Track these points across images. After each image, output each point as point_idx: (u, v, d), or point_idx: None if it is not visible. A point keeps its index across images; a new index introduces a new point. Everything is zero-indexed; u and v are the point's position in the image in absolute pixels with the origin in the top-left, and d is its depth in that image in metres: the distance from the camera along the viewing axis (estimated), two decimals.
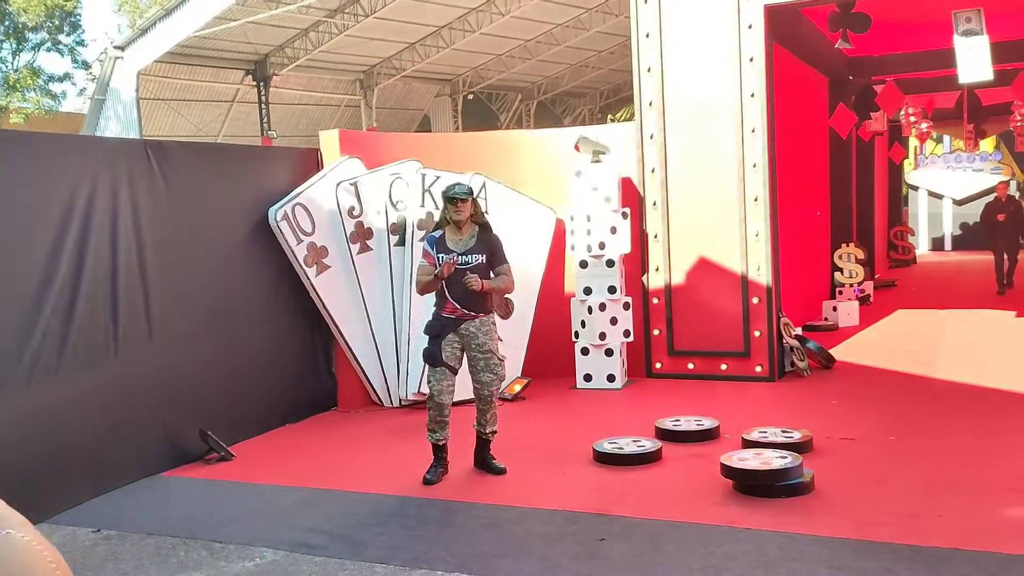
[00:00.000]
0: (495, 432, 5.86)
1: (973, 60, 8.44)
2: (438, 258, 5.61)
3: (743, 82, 8.07)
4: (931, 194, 22.85)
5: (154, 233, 6.28)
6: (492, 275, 5.74)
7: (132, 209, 6.12)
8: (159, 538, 4.96)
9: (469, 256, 5.63)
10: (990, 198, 14.59)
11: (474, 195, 5.77)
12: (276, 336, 7.39)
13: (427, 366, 5.79)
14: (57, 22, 34.45)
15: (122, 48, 23.38)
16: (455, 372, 5.68)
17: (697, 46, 8.25)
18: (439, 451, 5.79)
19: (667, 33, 8.35)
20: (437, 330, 5.67)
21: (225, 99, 26.20)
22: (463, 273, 5.58)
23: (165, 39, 22.22)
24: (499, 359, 5.74)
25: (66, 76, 36.14)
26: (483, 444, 5.88)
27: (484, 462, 5.87)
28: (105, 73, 24.25)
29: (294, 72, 25.46)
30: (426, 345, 5.74)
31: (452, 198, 5.61)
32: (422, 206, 7.86)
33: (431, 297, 5.83)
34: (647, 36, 8.43)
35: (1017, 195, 16.20)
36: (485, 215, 5.86)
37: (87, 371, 5.69)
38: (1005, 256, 13.42)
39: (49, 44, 35.15)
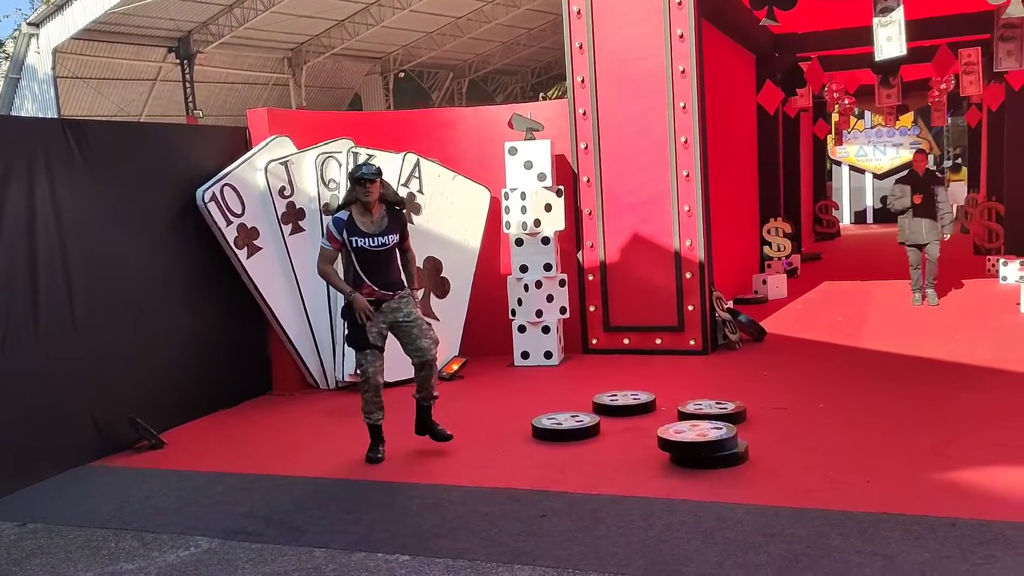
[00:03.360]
0: (436, 397, 5.83)
1: (887, 37, 8.67)
2: (349, 241, 5.46)
3: (673, 58, 8.13)
4: (853, 169, 23.46)
5: (75, 217, 6.05)
6: (400, 249, 5.70)
7: (50, 192, 5.88)
8: (88, 530, 4.82)
9: (386, 237, 5.53)
10: (903, 174, 10.82)
11: (382, 175, 5.59)
12: (207, 320, 7.22)
13: (355, 351, 5.67)
14: None
15: (37, 25, 22.50)
16: (383, 351, 5.64)
17: (627, 23, 8.27)
18: (376, 431, 5.77)
19: (597, 10, 8.35)
20: (357, 314, 5.54)
21: (147, 77, 25.42)
22: (380, 255, 5.51)
23: (82, 15, 21.44)
24: (428, 323, 5.73)
25: None
26: (425, 412, 5.84)
27: (429, 429, 5.83)
28: (19, 51, 23.32)
29: (219, 50, 24.80)
30: (348, 330, 5.64)
31: (361, 179, 5.43)
32: None
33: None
34: (578, 13, 8.42)
35: (937, 170, 11.97)
36: (396, 193, 5.73)
37: (6, 361, 5.47)
38: (924, 252, 10.00)
39: None
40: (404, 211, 5.74)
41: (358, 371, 5.70)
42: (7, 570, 4.38)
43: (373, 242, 5.48)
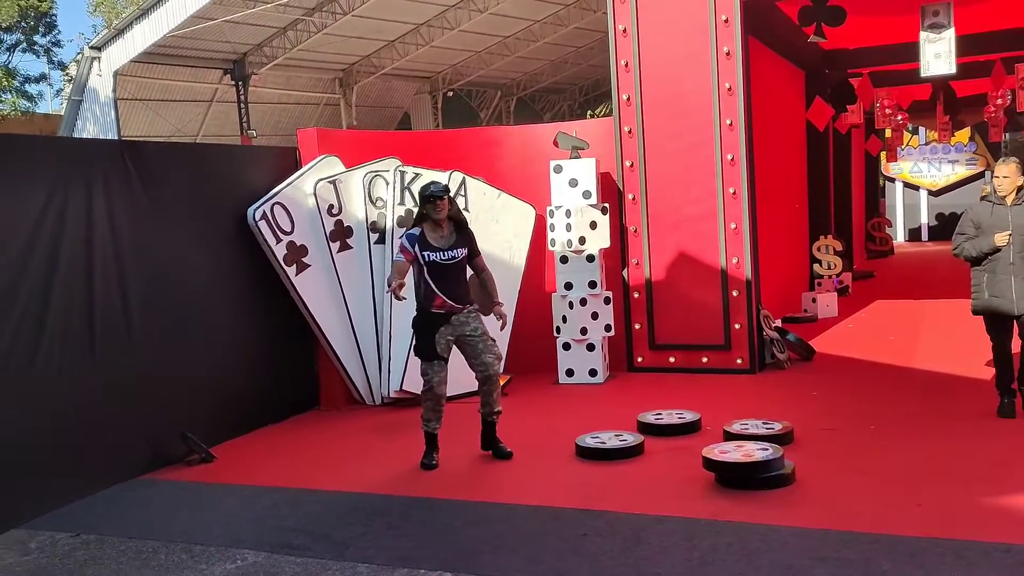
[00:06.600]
0: (500, 412, 6.04)
1: (936, 54, 8.54)
2: (421, 255, 5.74)
3: (719, 75, 8.10)
4: (907, 185, 23.03)
5: (131, 235, 6.21)
6: (474, 267, 5.99)
7: (107, 211, 6.05)
8: (139, 541, 4.92)
9: (455, 251, 5.82)
10: (975, 200, 7.84)
11: (450, 192, 5.89)
12: (256, 336, 7.34)
13: (421, 360, 5.90)
14: (32, 22, 34.12)
15: (99, 48, 23.20)
16: (447, 362, 5.87)
17: (673, 40, 8.26)
18: (432, 439, 5.97)
19: (643, 28, 8.36)
20: (428, 325, 5.83)
21: (204, 99, 26.03)
22: (449, 269, 5.78)
23: (142, 39, 22.08)
24: (493, 339, 5.95)
25: (42, 77, 35.87)
26: (490, 428, 6.06)
27: (492, 446, 6.05)
28: (82, 74, 24.05)
29: (273, 71, 25.32)
30: (416, 341, 5.91)
31: (431, 197, 5.76)
32: (401, 203, 7.83)
33: (414, 290, 5.91)
34: (623, 31, 8.44)
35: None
36: (460, 212, 6.02)
37: (63, 375, 5.62)
38: (1016, 324, 6.24)
39: (24, 45, 34.83)
40: (468, 228, 5.97)
41: (422, 379, 5.90)
42: None
43: (443, 256, 5.78)
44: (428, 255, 5.74)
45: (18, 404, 5.34)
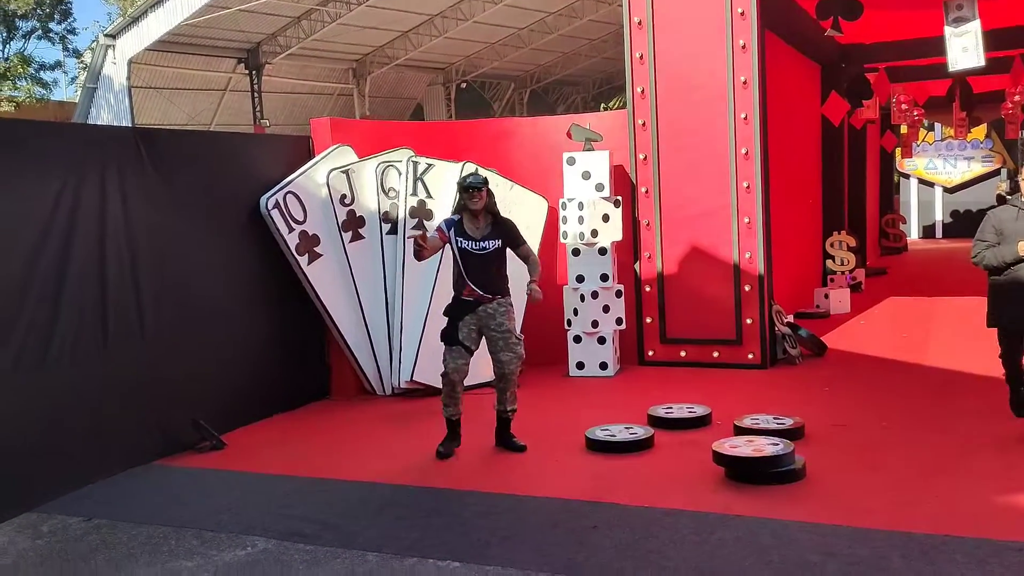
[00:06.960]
0: (515, 411, 6.06)
1: (963, 48, 8.42)
2: (456, 241, 5.83)
3: (734, 69, 8.06)
4: (922, 182, 22.90)
5: (144, 222, 6.23)
6: (520, 255, 6.01)
7: (121, 198, 6.07)
8: (150, 527, 4.94)
9: (487, 242, 5.87)
10: (991, 199, 7.23)
11: (488, 185, 5.90)
12: (268, 325, 7.36)
13: (445, 345, 5.92)
14: (47, 10, 34.25)
15: (113, 36, 23.26)
16: (470, 352, 5.88)
17: (688, 33, 8.22)
18: (453, 426, 6.00)
19: (658, 20, 8.32)
20: (455, 311, 5.87)
21: (217, 88, 26.07)
22: (481, 259, 5.81)
23: (156, 27, 22.13)
24: (517, 338, 5.94)
25: (57, 64, 36.04)
26: (504, 424, 6.08)
27: (505, 441, 6.05)
28: (96, 61, 24.12)
29: (287, 61, 25.33)
30: (445, 325, 5.93)
31: (468, 187, 5.82)
32: (414, 194, 7.83)
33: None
34: (638, 23, 8.40)
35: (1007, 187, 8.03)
36: (495, 205, 6.00)
37: (77, 361, 5.66)
38: None
39: (40, 32, 34.97)
40: (505, 218, 6.00)
41: (443, 364, 5.91)
42: (75, 565, 4.52)
43: (475, 245, 5.83)
44: (461, 242, 5.82)
45: (30, 391, 5.37)
